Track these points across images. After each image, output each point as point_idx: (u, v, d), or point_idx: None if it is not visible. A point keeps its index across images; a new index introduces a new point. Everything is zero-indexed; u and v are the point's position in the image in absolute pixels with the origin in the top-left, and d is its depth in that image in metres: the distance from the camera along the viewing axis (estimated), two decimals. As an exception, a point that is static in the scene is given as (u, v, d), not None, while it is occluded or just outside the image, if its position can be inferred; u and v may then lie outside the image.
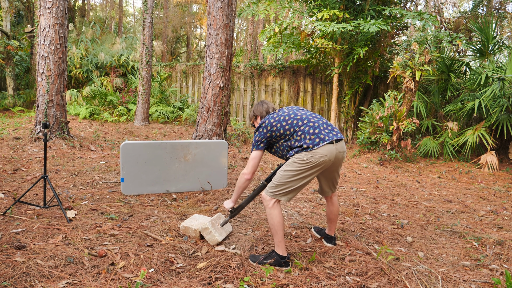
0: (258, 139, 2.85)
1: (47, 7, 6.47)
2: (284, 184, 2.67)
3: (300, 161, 2.62)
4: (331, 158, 2.65)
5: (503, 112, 7.31)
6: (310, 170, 2.63)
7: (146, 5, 10.19)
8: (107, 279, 2.40)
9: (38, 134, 6.70)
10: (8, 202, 3.75)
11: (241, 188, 2.90)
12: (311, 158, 2.60)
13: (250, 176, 2.84)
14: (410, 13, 7.79)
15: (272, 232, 2.73)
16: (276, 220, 2.68)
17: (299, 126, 2.72)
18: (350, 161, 7.32)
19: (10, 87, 12.78)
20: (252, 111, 3.14)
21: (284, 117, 2.80)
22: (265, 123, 2.85)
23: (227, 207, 3.05)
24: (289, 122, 2.76)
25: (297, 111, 2.85)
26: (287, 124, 2.76)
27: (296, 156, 2.65)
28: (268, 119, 2.87)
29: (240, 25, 25.71)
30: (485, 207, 4.62)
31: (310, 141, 2.63)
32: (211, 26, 6.77)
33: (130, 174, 4.18)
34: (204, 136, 6.86)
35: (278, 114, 2.88)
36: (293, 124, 2.74)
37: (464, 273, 2.75)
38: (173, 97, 12.60)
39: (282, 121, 2.79)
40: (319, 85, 10.77)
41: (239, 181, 2.89)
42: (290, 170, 2.65)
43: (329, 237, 3.17)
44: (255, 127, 3.03)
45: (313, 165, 2.62)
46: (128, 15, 29.32)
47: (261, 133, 2.84)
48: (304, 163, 2.61)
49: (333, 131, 2.73)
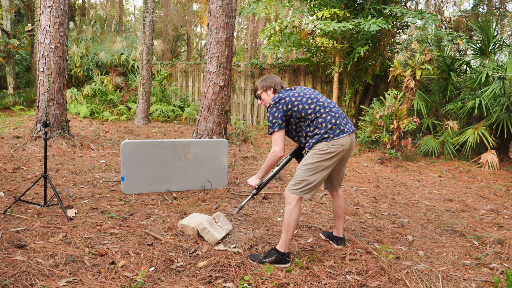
0: (277, 116, 2.69)
1: (47, 5, 6.46)
2: (307, 178, 2.64)
3: (321, 151, 2.61)
4: (347, 148, 2.69)
5: (503, 111, 7.30)
6: (330, 160, 2.64)
7: (147, 4, 10.18)
8: (107, 278, 2.40)
9: (38, 132, 6.70)
10: (9, 201, 3.75)
11: (271, 165, 2.78)
12: (331, 148, 2.61)
13: (282, 153, 2.72)
14: (411, 12, 7.79)
15: (284, 230, 2.69)
16: (295, 219, 2.66)
17: (321, 113, 2.67)
18: (351, 160, 7.32)
19: (11, 86, 12.78)
20: (262, 81, 2.91)
21: (307, 99, 2.71)
22: (285, 100, 2.70)
23: (253, 184, 2.91)
24: (312, 106, 2.68)
25: (319, 96, 2.77)
26: (309, 108, 2.68)
27: (317, 146, 2.63)
28: (289, 96, 2.72)
29: (240, 24, 25.69)
30: (485, 206, 4.62)
31: (331, 131, 2.63)
32: (211, 25, 6.76)
33: (131, 173, 4.18)
34: (205, 135, 6.86)
35: (299, 93, 2.74)
36: (316, 110, 2.67)
37: (465, 272, 2.75)
38: (173, 96, 12.60)
39: (304, 103, 2.69)
40: (319, 84, 10.76)
41: (270, 159, 2.74)
42: (312, 163, 2.63)
43: (338, 239, 3.12)
44: (261, 99, 2.92)
45: (333, 155, 2.62)
46: (128, 13, 29.31)
47: (280, 110, 2.69)
48: (325, 153, 2.61)
49: (349, 123, 2.78)
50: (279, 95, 2.76)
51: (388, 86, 9.70)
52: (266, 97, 2.90)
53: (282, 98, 2.72)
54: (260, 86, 2.91)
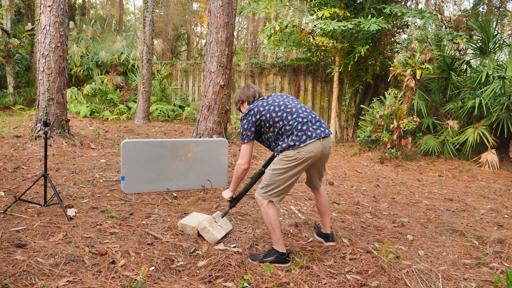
0: (246, 127, 2.76)
1: (47, 5, 6.46)
2: (274, 182, 2.66)
3: (287, 157, 2.62)
4: (317, 154, 2.66)
5: (503, 111, 7.30)
6: (297, 166, 2.64)
7: (147, 3, 10.18)
8: (107, 277, 2.40)
9: (38, 132, 6.70)
10: (9, 200, 3.75)
11: (238, 178, 2.84)
12: (297, 155, 2.61)
13: (247, 166, 2.78)
14: (411, 11, 7.78)
15: (269, 231, 2.73)
16: (272, 218, 2.69)
17: (288, 120, 2.68)
18: (351, 160, 7.32)
19: (11, 85, 12.77)
20: (237, 95, 3.01)
21: (274, 107, 2.74)
22: (253, 110, 2.76)
23: (226, 197, 3.01)
24: (279, 114, 2.71)
25: (288, 102, 2.78)
26: (277, 116, 2.70)
27: (284, 153, 2.64)
28: (257, 106, 2.78)
29: (240, 23, 25.68)
30: (485, 205, 4.62)
31: (297, 138, 2.62)
32: (211, 24, 6.76)
33: (131, 172, 4.18)
34: (205, 135, 6.86)
35: (268, 102, 2.79)
36: (283, 117, 2.69)
37: (465, 272, 2.75)
38: (173, 95, 12.60)
39: (272, 112, 2.72)
40: (319, 84, 10.76)
41: (236, 172, 2.82)
42: (278, 169, 2.65)
43: (326, 235, 3.12)
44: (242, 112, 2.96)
45: (299, 162, 2.62)
46: (128, 13, 29.30)
47: (249, 121, 2.75)
48: (291, 160, 2.61)
49: (321, 127, 2.72)
50: (250, 106, 2.83)
51: (388, 86, 9.69)
52: (243, 110, 2.98)
53: (251, 109, 2.78)
54: (236, 101, 3.01)
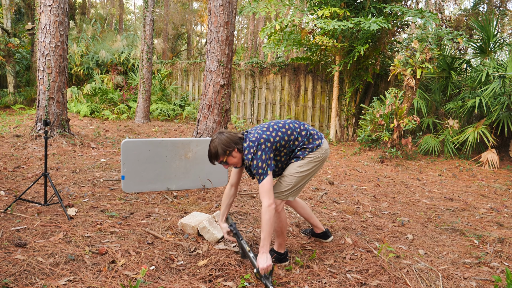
0: (265, 158, 2.45)
1: (47, 4, 6.46)
2: (297, 184, 2.66)
3: (316, 158, 2.67)
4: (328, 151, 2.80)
5: (503, 110, 7.30)
6: (319, 165, 2.73)
7: (147, 3, 10.17)
8: (107, 277, 2.40)
9: (38, 131, 6.70)
10: (9, 200, 3.75)
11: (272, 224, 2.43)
12: (323, 155, 2.70)
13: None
14: (411, 10, 7.77)
15: (277, 234, 2.72)
16: (284, 222, 2.69)
17: (300, 129, 2.68)
18: (351, 159, 7.32)
19: (11, 85, 12.77)
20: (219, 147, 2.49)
21: (278, 125, 2.62)
22: (260, 141, 2.48)
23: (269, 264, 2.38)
24: (286, 127, 2.63)
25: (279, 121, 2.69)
26: (286, 130, 2.60)
27: (311, 156, 2.66)
28: (260, 135, 2.51)
29: (240, 22, 25.68)
30: (485, 205, 4.62)
31: (317, 138, 2.71)
32: (211, 23, 6.76)
33: (131, 171, 4.18)
34: (205, 134, 6.86)
35: (265, 127, 2.60)
36: (291, 127, 2.64)
37: (465, 271, 2.75)
38: (173, 94, 12.59)
39: (278, 130, 2.59)
40: (319, 83, 10.76)
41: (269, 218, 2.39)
42: (306, 170, 2.65)
43: (324, 233, 3.12)
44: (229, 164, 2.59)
45: (322, 160, 2.73)
46: (128, 12, 29.30)
47: (266, 151, 2.47)
48: (318, 160, 2.69)
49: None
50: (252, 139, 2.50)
51: (388, 85, 9.69)
52: (233, 160, 2.57)
53: (256, 141, 2.48)
54: (221, 153, 2.51)
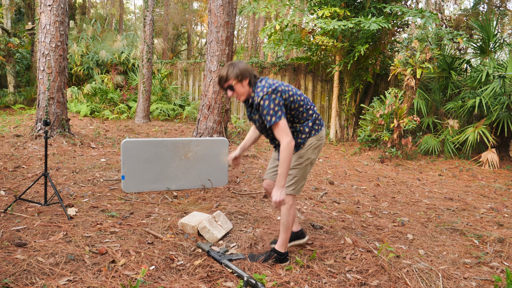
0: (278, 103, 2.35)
1: (47, 4, 6.46)
2: (301, 174, 2.63)
3: (316, 145, 2.62)
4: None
5: (503, 110, 7.30)
6: (318, 152, 2.67)
7: (147, 3, 10.17)
8: (107, 277, 2.40)
9: (39, 131, 6.70)
10: (9, 200, 3.75)
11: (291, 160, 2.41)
12: (320, 141, 2.63)
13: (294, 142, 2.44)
14: (411, 10, 7.77)
15: (282, 230, 2.67)
16: (292, 218, 2.65)
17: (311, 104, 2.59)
18: (351, 159, 7.32)
19: (11, 85, 12.77)
20: (234, 69, 2.41)
21: (297, 91, 2.54)
22: (279, 88, 2.40)
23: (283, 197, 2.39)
24: (302, 98, 2.53)
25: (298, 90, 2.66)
26: (302, 100, 2.51)
27: (308, 142, 2.58)
28: (280, 85, 2.42)
29: (240, 22, 25.68)
30: (485, 204, 4.62)
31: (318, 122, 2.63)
32: (211, 23, 6.75)
33: (131, 171, 4.18)
34: (205, 134, 6.86)
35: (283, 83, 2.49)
36: (306, 101, 2.55)
37: (465, 271, 2.75)
38: (173, 94, 12.59)
39: (296, 94, 2.49)
40: (319, 83, 10.76)
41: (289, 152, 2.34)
42: (309, 158, 2.61)
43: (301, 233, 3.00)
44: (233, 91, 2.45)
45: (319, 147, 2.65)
46: (128, 12, 29.30)
47: (280, 99, 2.37)
48: (316, 146, 2.63)
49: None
50: (269, 83, 2.42)
51: (388, 85, 9.69)
52: (241, 89, 2.44)
53: (275, 87, 2.40)
54: (233, 75, 2.40)
